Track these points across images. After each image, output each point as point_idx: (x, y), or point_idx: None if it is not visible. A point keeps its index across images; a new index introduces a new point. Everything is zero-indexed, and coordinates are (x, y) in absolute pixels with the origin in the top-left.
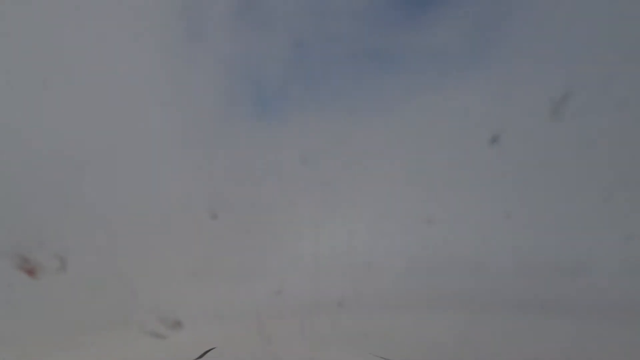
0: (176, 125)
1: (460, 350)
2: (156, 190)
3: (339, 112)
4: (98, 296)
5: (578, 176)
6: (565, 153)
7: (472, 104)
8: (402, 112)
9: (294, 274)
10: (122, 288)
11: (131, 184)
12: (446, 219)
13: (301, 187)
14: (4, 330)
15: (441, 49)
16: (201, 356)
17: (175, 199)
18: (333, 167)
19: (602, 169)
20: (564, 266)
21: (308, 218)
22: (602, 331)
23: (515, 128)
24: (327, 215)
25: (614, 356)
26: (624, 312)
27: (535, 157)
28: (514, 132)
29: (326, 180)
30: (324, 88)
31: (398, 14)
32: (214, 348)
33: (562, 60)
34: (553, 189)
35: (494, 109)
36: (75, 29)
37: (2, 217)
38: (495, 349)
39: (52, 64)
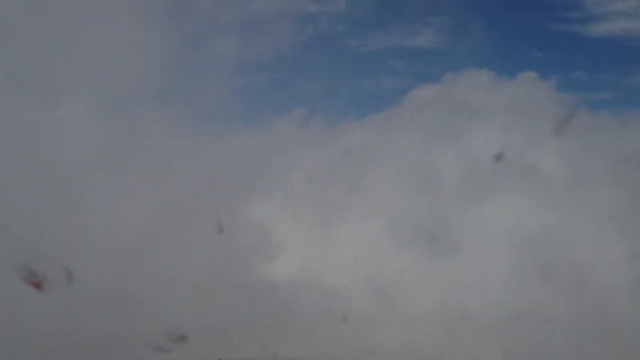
0: (181, 136)
1: None
2: (163, 203)
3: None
4: (103, 309)
5: (583, 194)
6: (565, 170)
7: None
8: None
9: (299, 288)
10: (128, 302)
11: (137, 197)
12: (451, 235)
13: (306, 203)
14: (11, 343)
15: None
16: None
17: (181, 212)
18: (337, 184)
19: (607, 187)
20: (566, 282)
21: (314, 234)
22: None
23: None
24: (332, 231)
25: None
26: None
27: (539, 174)
28: (518, 149)
29: (331, 197)
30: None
31: None
32: None
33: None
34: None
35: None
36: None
37: (9, 230)
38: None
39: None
